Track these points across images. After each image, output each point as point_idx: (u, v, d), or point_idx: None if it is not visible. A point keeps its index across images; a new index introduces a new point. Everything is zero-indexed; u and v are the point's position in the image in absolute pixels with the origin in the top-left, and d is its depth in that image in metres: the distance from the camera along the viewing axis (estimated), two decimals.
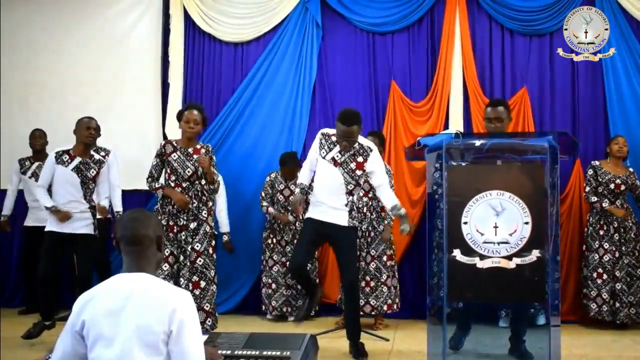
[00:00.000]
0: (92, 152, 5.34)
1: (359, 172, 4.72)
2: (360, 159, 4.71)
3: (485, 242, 3.73)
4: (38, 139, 6.57)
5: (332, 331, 5.51)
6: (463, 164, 4.02)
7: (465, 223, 3.75)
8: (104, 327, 2.21)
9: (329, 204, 4.71)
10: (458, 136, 3.88)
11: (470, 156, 3.96)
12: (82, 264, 5.29)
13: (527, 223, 3.71)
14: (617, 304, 5.68)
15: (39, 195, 5.28)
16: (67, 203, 5.17)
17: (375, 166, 4.73)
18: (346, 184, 4.71)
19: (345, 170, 4.70)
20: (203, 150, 5.08)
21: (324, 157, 4.73)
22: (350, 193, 4.75)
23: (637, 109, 6.16)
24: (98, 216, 5.37)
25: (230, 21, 6.92)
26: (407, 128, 6.45)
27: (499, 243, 3.72)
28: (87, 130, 5.22)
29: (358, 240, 5.47)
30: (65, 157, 5.21)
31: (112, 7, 7.13)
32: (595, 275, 5.79)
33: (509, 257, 3.71)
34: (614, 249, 5.76)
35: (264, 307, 6.28)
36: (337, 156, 4.71)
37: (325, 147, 4.74)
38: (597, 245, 5.82)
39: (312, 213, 4.81)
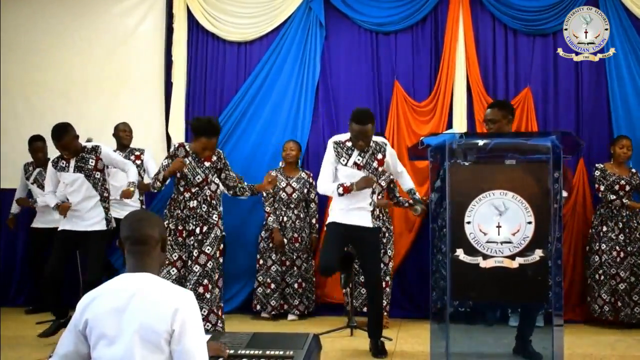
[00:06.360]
0: (85, 145, 5.26)
1: (380, 169, 4.81)
2: (379, 156, 4.77)
3: (488, 242, 3.73)
4: (39, 150, 6.53)
5: (335, 331, 5.50)
6: (466, 163, 4.02)
7: (469, 223, 3.75)
8: (107, 326, 2.21)
9: (355, 205, 4.72)
10: (462, 136, 3.89)
11: (474, 156, 3.96)
12: (92, 265, 5.10)
13: (530, 223, 3.71)
14: (619, 304, 5.67)
15: (46, 200, 5.38)
16: (79, 202, 5.15)
17: (394, 156, 4.92)
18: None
19: (370, 171, 4.72)
20: (215, 157, 5.06)
21: (345, 164, 4.73)
22: (374, 192, 4.82)
23: None
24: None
25: (233, 20, 6.92)
26: (410, 128, 6.45)
27: (502, 243, 3.73)
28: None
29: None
30: (63, 163, 5.19)
31: (115, 6, 7.13)
32: (597, 276, 5.79)
33: (512, 257, 3.72)
34: (618, 249, 5.74)
35: (259, 307, 6.23)
36: (359, 159, 4.72)
37: (344, 155, 4.75)
38: (597, 247, 5.82)
39: (336, 217, 4.79)
